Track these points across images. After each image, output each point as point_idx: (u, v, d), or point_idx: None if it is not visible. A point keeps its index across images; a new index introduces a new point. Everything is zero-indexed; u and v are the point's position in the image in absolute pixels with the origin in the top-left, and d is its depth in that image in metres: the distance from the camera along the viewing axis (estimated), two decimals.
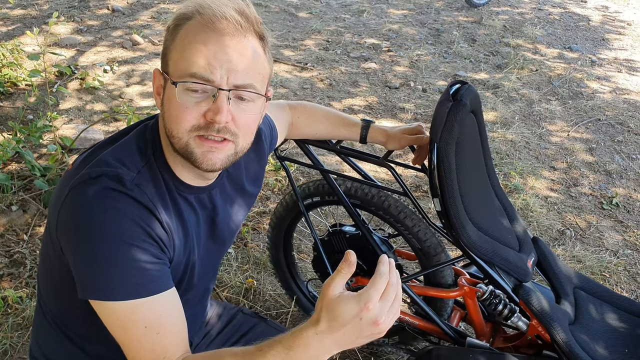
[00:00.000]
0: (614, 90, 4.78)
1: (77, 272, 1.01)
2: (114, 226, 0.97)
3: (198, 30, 1.00)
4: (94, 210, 0.97)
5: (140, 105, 3.84)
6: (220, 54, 0.99)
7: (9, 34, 4.72)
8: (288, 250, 2.19)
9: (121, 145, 1.09)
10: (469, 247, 1.52)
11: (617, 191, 3.40)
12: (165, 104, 1.05)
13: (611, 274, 2.72)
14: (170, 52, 1.04)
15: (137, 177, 1.03)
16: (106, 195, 0.98)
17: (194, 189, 1.15)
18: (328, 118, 1.65)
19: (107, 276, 0.97)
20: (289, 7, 6.03)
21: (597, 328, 1.69)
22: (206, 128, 1.01)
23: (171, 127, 1.03)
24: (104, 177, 1.00)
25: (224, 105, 1.00)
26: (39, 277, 1.24)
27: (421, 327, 1.91)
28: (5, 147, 2.79)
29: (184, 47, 1.01)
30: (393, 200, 1.78)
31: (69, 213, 0.99)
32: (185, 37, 1.01)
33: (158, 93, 1.08)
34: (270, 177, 3.16)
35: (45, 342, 1.25)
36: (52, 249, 1.08)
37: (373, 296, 0.86)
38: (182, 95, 1.00)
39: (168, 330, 1.03)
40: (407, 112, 4.11)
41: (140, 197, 1.01)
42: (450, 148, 1.45)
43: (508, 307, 1.66)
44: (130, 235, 0.98)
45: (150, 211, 1.02)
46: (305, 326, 0.90)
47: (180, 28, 1.02)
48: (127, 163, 1.04)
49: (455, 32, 5.71)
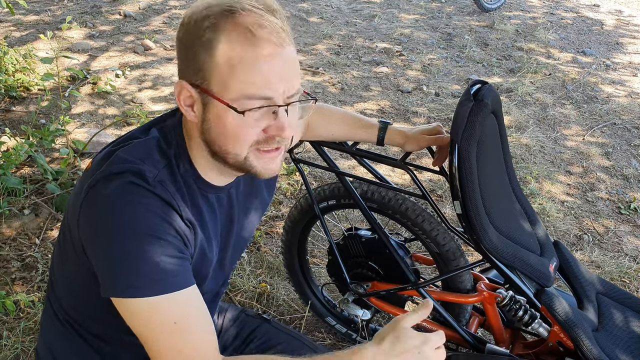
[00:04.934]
0: (629, 94, 4.72)
1: (101, 269, 0.99)
2: (138, 219, 0.95)
3: (242, 43, 0.93)
4: (117, 204, 0.95)
5: (152, 110, 3.83)
6: (276, 68, 0.94)
7: (22, 39, 4.75)
8: (302, 255, 2.16)
9: (141, 143, 1.06)
10: (490, 250, 1.49)
11: (635, 196, 3.34)
12: (212, 121, 0.99)
13: (631, 280, 2.66)
14: (208, 69, 0.96)
15: (159, 174, 1.01)
16: (130, 190, 0.96)
17: (216, 189, 1.14)
18: (344, 119, 1.62)
19: (133, 271, 0.95)
20: (300, 12, 6.02)
21: (621, 335, 1.65)
22: (267, 142, 1.00)
23: (226, 145, 1.00)
24: (127, 172, 0.98)
25: (286, 121, 0.98)
26: (52, 277, 1.22)
27: None
28: (18, 151, 2.79)
29: (233, 66, 0.93)
30: (411, 204, 1.75)
31: (91, 209, 0.97)
32: (232, 54, 0.93)
33: (188, 105, 1.01)
34: (282, 182, 3.14)
35: (56, 344, 1.23)
36: (71, 249, 1.06)
37: (435, 341, 0.99)
38: (242, 116, 0.96)
39: (196, 329, 1.00)
40: (420, 116, 4.08)
41: (164, 194, 0.99)
42: (472, 149, 1.42)
43: (529, 313, 1.61)
44: (155, 229, 0.96)
45: (172, 207, 1.00)
46: (367, 345, 0.99)
47: (218, 43, 0.94)
48: (148, 161, 1.02)
49: (467, 36, 5.67)
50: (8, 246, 2.52)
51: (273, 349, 1.42)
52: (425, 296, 1.78)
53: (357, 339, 2.13)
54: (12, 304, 2.14)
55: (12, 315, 2.16)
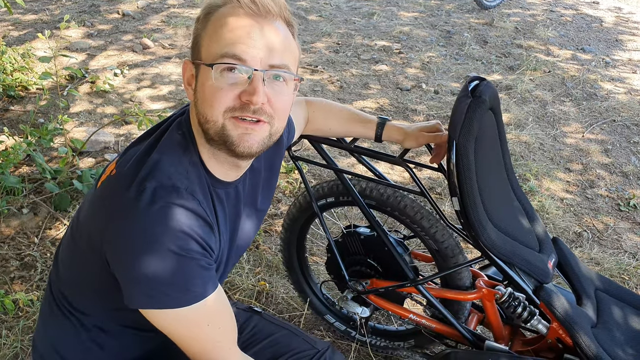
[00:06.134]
0: (628, 91, 4.71)
1: (129, 283, 1.00)
2: (172, 239, 0.97)
3: (230, 13, 1.01)
4: (150, 222, 0.96)
5: (151, 108, 3.82)
6: (253, 34, 1.01)
7: (20, 38, 4.74)
8: (301, 252, 2.16)
9: (165, 145, 1.08)
10: (488, 247, 1.48)
11: (635, 193, 3.34)
12: (198, 90, 1.05)
13: (630, 277, 2.66)
14: (202, 40, 1.05)
15: (188, 182, 1.03)
16: (164, 211, 0.97)
17: (224, 184, 1.14)
18: (343, 114, 1.62)
19: (166, 287, 0.98)
20: (299, 11, 6.02)
21: (619, 330, 1.64)
22: (242, 109, 1.01)
23: (206, 111, 1.03)
24: (159, 189, 0.99)
25: (259, 86, 1.00)
26: (56, 268, 1.22)
27: (438, 330, 1.87)
28: (16, 150, 2.78)
29: (217, 30, 1.02)
30: (409, 201, 1.75)
31: (123, 227, 0.98)
32: (218, 22, 1.02)
33: (189, 84, 1.09)
34: (281, 180, 3.13)
35: (57, 335, 1.22)
36: (88, 250, 1.07)
37: None
38: (217, 76, 1.00)
39: (227, 322, 1.10)
40: (420, 114, 4.07)
41: (197, 209, 1.01)
42: (470, 145, 1.41)
43: (528, 309, 1.61)
44: (186, 246, 0.98)
45: (206, 222, 1.03)
46: None
47: (211, 15, 1.03)
48: (176, 163, 1.04)
49: (466, 34, 5.67)
50: (7, 245, 2.52)
51: (261, 342, 1.42)
52: (424, 293, 1.78)
53: (356, 336, 2.13)
54: (11, 303, 2.14)
55: (11, 314, 2.16)
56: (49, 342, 1.24)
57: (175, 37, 5.04)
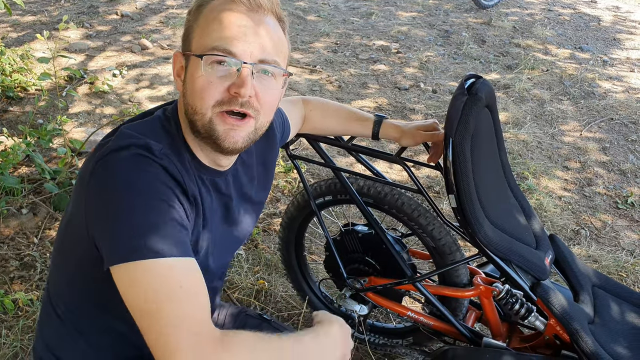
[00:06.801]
0: (626, 89, 4.72)
1: (108, 238, 0.94)
2: (147, 185, 0.96)
3: (222, 7, 1.03)
4: (126, 172, 0.96)
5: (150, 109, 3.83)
6: (244, 27, 1.02)
7: (19, 39, 4.75)
8: (299, 251, 2.16)
9: (144, 122, 1.10)
10: (485, 244, 1.49)
11: (632, 190, 3.35)
12: (187, 81, 1.06)
13: (628, 274, 2.67)
14: (193, 32, 1.06)
15: (164, 148, 1.03)
16: (138, 160, 0.98)
17: (211, 171, 1.15)
18: (340, 113, 1.63)
19: (138, 230, 0.92)
20: (297, 11, 6.02)
21: (617, 327, 1.65)
22: (229, 102, 1.02)
23: (194, 102, 1.04)
24: (133, 146, 0.99)
25: (247, 79, 1.01)
26: (51, 271, 1.22)
27: (436, 327, 1.88)
28: (16, 150, 2.79)
29: (208, 23, 1.03)
30: (407, 198, 1.75)
31: (100, 180, 0.97)
32: (210, 14, 1.03)
33: (179, 75, 1.10)
34: (280, 179, 3.14)
35: (53, 338, 1.23)
36: (76, 235, 1.04)
37: None
38: (207, 68, 1.01)
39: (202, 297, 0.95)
40: (418, 113, 4.08)
41: (170, 166, 1.00)
42: (466, 142, 1.42)
43: (525, 306, 1.62)
44: (162, 194, 0.96)
45: (177, 181, 1.01)
46: None
47: (203, 8, 1.05)
48: (153, 136, 1.05)
49: (464, 33, 5.67)
50: (6, 245, 2.52)
51: None
52: (422, 290, 1.79)
53: (354, 334, 2.13)
54: (11, 303, 2.15)
55: (10, 313, 2.16)
56: (46, 343, 1.24)
57: (173, 38, 5.04)
